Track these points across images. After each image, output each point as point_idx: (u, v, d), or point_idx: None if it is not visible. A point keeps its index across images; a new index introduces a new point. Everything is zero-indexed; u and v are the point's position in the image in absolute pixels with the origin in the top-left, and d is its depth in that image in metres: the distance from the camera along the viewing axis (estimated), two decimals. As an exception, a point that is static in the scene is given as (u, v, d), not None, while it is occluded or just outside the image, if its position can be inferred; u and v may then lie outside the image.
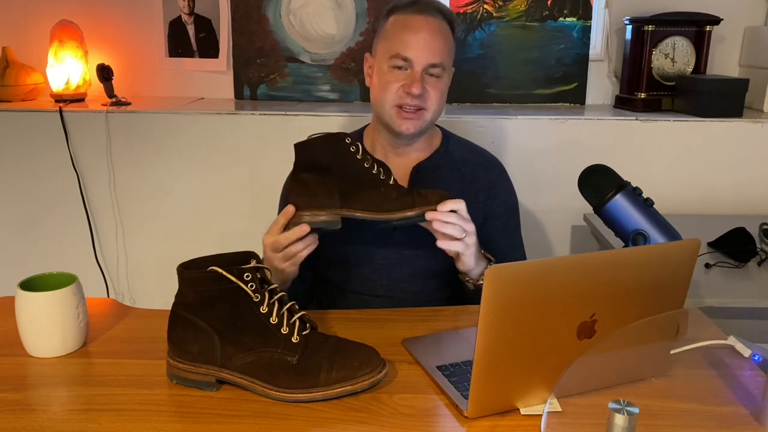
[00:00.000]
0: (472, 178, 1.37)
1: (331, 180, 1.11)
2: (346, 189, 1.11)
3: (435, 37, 1.26)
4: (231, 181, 2.06)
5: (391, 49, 1.26)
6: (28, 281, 1.03)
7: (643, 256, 0.87)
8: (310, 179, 1.12)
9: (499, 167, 1.42)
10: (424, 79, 1.27)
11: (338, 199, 1.11)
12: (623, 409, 0.67)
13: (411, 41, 1.25)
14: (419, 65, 1.25)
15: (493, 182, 1.39)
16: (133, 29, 2.24)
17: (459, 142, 1.43)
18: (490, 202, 1.38)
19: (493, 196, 1.38)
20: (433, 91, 1.27)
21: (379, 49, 1.31)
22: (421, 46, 1.25)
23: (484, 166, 1.40)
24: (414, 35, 1.26)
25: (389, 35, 1.29)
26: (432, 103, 1.28)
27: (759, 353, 0.90)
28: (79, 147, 2.06)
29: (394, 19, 1.29)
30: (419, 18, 1.26)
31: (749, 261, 1.58)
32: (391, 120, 1.29)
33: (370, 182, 1.13)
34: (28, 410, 0.88)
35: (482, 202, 1.37)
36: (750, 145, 2.00)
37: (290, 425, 0.85)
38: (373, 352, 0.94)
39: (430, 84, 1.27)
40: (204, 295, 0.92)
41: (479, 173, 1.38)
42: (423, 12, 1.27)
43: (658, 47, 2.07)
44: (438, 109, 1.31)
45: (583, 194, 1.13)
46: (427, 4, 1.28)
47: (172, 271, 0.94)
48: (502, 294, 0.79)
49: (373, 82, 1.32)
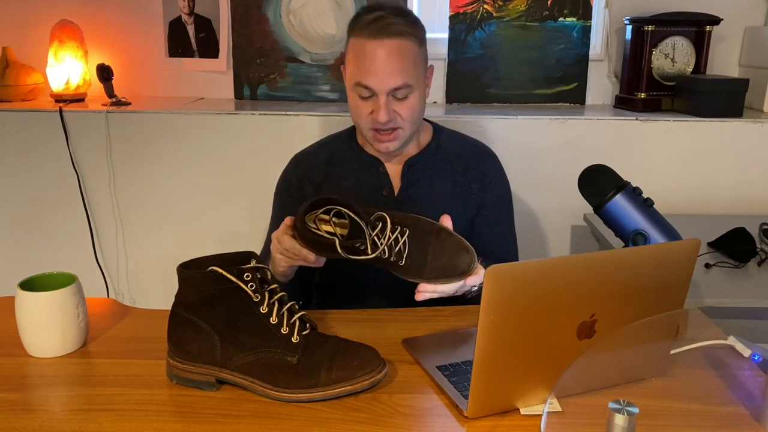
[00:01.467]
0: (464, 170, 1.37)
1: None
2: None
3: (394, 59, 1.22)
4: (231, 181, 2.06)
5: (353, 77, 1.25)
6: (28, 281, 1.03)
7: (643, 256, 0.87)
8: None
9: (491, 157, 1.42)
10: (391, 102, 1.25)
11: None
12: (623, 409, 0.67)
13: (369, 69, 1.22)
14: (382, 92, 1.23)
15: (486, 172, 1.39)
16: (133, 29, 2.24)
17: (450, 134, 1.43)
18: (484, 192, 1.38)
19: (486, 185, 1.38)
20: (403, 111, 1.26)
21: (346, 70, 1.29)
22: (380, 73, 1.22)
23: (476, 157, 1.40)
24: (372, 62, 1.22)
25: (350, 60, 1.27)
26: (405, 120, 1.27)
27: (759, 353, 0.90)
28: (79, 147, 2.06)
29: (353, 43, 1.25)
30: (376, 43, 1.21)
31: (749, 261, 1.58)
32: (371, 141, 1.31)
33: None
34: (28, 410, 0.88)
35: (475, 193, 1.37)
36: (750, 145, 2.00)
37: (290, 425, 0.85)
38: (373, 352, 0.94)
39: (397, 106, 1.25)
40: (204, 295, 0.92)
41: (471, 164, 1.38)
42: (380, 34, 1.21)
43: (658, 47, 2.07)
44: (415, 121, 1.29)
45: (583, 194, 1.13)
46: (382, 28, 1.21)
47: (172, 271, 0.94)
48: (502, 294, 0.79)
49: (348, 101, 1.31)
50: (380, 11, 1.24)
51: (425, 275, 1.06)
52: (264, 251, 1.35)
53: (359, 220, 1.05)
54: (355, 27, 1.25)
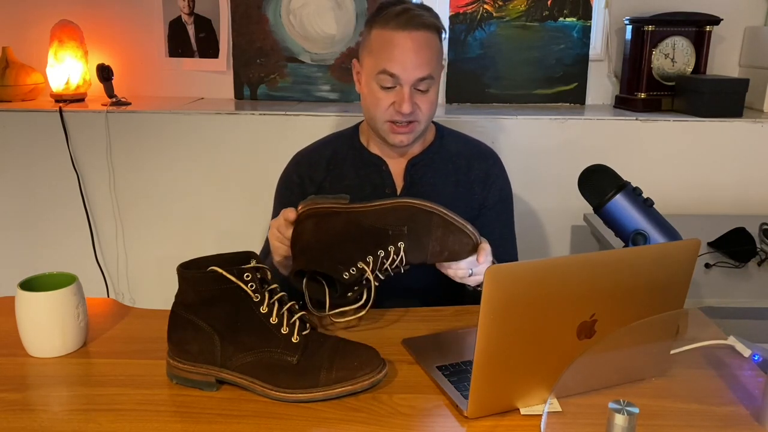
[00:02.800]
0: (467, 170, 1.38)
1: None
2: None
3: (421, 51, 1.24)
4: (231, 181, 2.06)
5: (377, 66, 1.25)
6: (28, 281, 1.03)
7: (643, 256, 0.87)
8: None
9: (493, 157, 1.43)
10: (414, 95, 1.25)
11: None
12: (623, 409, 0.67)
13: (397, 58, 1.23)
14: (407, 82, 1.24)
15: (488, 172, 1.39)
16: (133, 29, 2.24)
17: (453, 134, 1.43)
18: (486, 192, 1.38)
19: (488, 186, 1.38)
20: (423, 104, 1.27)
21: (366, 62, 1.29)
22: (407, 63, 1.23)
23: (478, 157, 1.40)
24: (399, 53, 1.23)
25: (374, 50, 1.26)
26: (423, 114, 1.28)
27: (759, 353, 0.90)
28: (79, 147, 2.06)
29: (378, 34, 1.25)
30: (403, 35, 1.23)
31: (749, 261, 1.58)
32: (385, 134, 1.30)
33: None
34: (28, 410, 0.88)
35: (477, 194, 1.37)
36: (750, 145, 2.00)
37: (290, 425, 0.85)
38: (373, 352, 0.94)
39: (419, 98, 1.26)
40: (204, 295, 0.92)
41: (474, 164, 1.38)
42: (406, 27, 1.23)
43: (658, 47, 2.07)
44: (430, 117, 1.30)
45: (583, 194, 1.13)
46: (410, 19, 1.23)
47: (172, 271, 0.94)
48: (502, 294, 0.79)
49: (363, 94, 1.31)
50: (406, 4, 1.26)
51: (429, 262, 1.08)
52: (264, 250, 1.35)
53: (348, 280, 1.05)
54: (378, 19, 1.26)
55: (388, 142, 1.31)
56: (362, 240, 1.06)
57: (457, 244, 1.07)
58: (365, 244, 1.05)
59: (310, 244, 1.07)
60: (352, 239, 1.06)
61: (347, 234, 1.06)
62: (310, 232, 1.08)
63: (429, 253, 1.06)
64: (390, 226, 1.06)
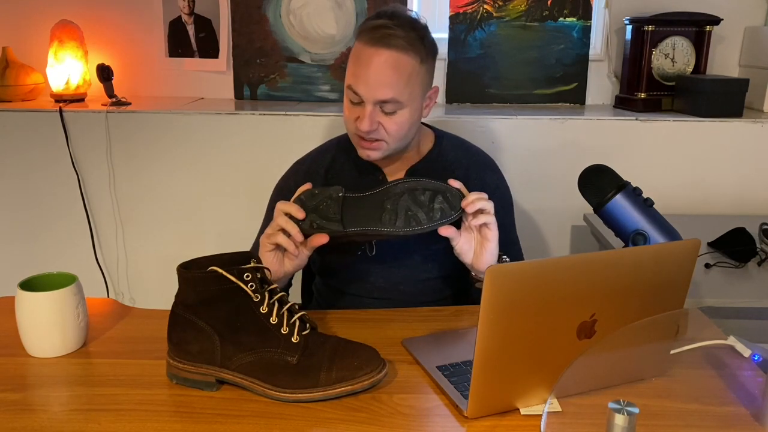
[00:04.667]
0: (464, 179, 1.37)
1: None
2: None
3: (386, 72, 1.18)
4: (231, 181, 2.06)
5: (347, 78, 1.24)
6: (28, 281, 1.03)
7: (643, 256, 0.87)
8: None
9: (491, 165, 1.42)
10: (377, 113, 1.22)
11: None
12: (623, 409, 0.67)
13: (361, 75, 1.19)
14: (368, 101, 1.21)
15: (487, 181, 1.38)
16: (133, 29, 2.24)
17: (451, 141, 1.41)
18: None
19: (488, 194, 1.37)
20: (388, 125, 1.22)
21: (346, 72, 1.27)
22: (370, 83, 1.19)
23: (476, 167, 1.39)
24: (364, 70, 1.19)
25: (349, 62, 1.25)
26: (389, 135, 1.24)
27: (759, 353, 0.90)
28: (79, 147, 2.06)
29: (355, 46, 1.23)
30: (372, 51, 1.18)
31: (749, 261, 1.58)
32: (355, 146, 1.29)
33: None
34: (28, 410, 0.88)
35: None
36: (750, 145, 2.00)
37: (290, 425, 0.85)
38: (373, 352, 0.94)
39: (384, 119, 1.22)
40: (204, 295, 0.92)
41: (472, 173, 1.37)
42: (378, 43, 1.18)
43: (658, 47, 2.07)
44: (400, 138, 1.26)
45: (583, 194, 1.13)
46: (382, 37, 1.18)
47: (172, 271, 0.94)
48: (502, 294, 0.79)
49: None
50: (388, 20, 1.20)
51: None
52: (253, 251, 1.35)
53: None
54: (360, 30, 1.23)
55: (358, 154, 1.30)
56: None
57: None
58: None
59: None
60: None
61: None
62: None
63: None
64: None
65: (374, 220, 1.10)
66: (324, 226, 1.11)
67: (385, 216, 1.10)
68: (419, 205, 1.11)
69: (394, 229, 1.10)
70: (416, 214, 1.10)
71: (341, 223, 1.10)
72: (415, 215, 1.10)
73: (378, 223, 1.10)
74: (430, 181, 1.13)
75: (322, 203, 1.12)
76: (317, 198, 1.12)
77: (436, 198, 1.11)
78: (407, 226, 1.10)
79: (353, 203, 1.12)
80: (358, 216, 1.11)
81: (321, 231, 1.11)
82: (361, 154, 1.28)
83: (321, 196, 1.12)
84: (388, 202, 1.11)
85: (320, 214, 1.11)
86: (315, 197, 1.12)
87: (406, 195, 1.11)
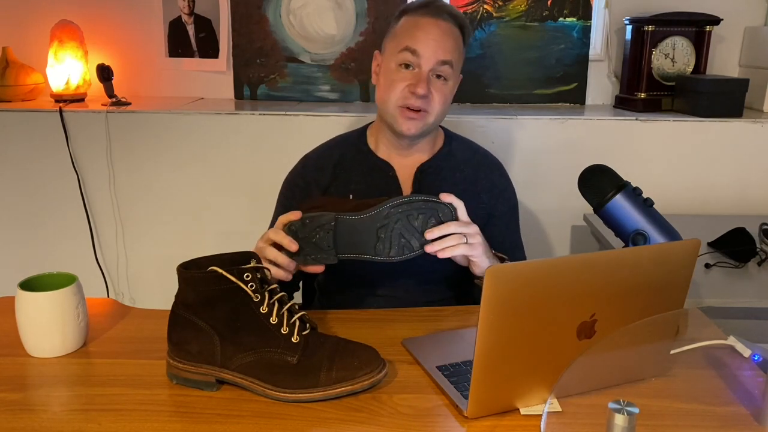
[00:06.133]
0: (474, 179, 1.38)
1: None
2: None
3: (445, 37, 1.27)
4: (231, 181, 2.06)
5: (401, 44, 1.27)
6: (28, 281, 1.03)
7: (643, 256, 0.87)
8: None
9: (500, 168, 1.43)
10: (430, 81, 1.27)
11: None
12: (623, 409, 0.67)
13: (421, 38, 1.26)
14: (427, 63, 1.26)
15: (495, 183, 1.40)
16: (133, 29, 2.24)
17: (461, 142, 1.43)
18: (494, 202, 1.38)
19: (495, 196, 1.39)
20: (437, 95, 1.28)
21: (389, 47, 1.31)
22: (430, 43, 1.26)
23: (486, 168, 1.40)
24: (424, 33, 1.27)
25: (399, 33, 1.30)
26: (435, 106, 1.28)
27: (759, 353, 0.90)
28: (79, 147, 2.06)
29: (406, 20, 1.30)
30: (431, 20, 1.28)
31: (749, 261, 1.58)
32: (394, 120, 1.29)
33: None
34: (28, 410, 0.88)
35: (485, 203, 1.37)
36: (750, 145, 2.00)
37: (290, 425, 0.85)
38: (373, 352, 0.94)
39: (435, 87, 1.28)
40: (204, 295, 0.92)
41: (481, 174, 1.39)
42: (435, 15, 1.28)
43: (658, 47, 2.07)
44: (441, 113, 1.31)
45: (583, 194, 1.13)
46: (440, 8, 1.29)
47: (172, 271, 0.94)
48: (502, 294, 0.79)
49: (380, 81, 1.32)
50: (435, 0, 1.31)
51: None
52: None
53: None
54: (407, 8, 1.31)
55: (395, 130, 1.30)
56: None
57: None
58: None
59: None
60: None
61: None
62: None
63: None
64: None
65: (368, 248, 1.11)
66: (318, 260, 1.11)
67: (378, 245, 1.11)
68: (412, 231, 1.11)
69: (388, 258, 1.11)
70: (409, 241, 1.11)
71: (335, 253, 1.11)
72: (408, 243, 1.11)
73: (372, 251, 1.11)
74: (423, 200, 1.12)
75: (315, 234, 1.10)
76: (309, 228, 1.10)
77: (429, 222, 1.12)
78: (400, 254, 1.11)
79: (346, 228, 1.10)
80: (351, 244, 1.11)
81: (315, 264, 1.11)
82: (402, 127, 1.29)
83: (313, 226, 1.10)
84: (382, 230, 1.10)
85: (313, 247, 1.10)
86: (306, 227, 1.10)
87: (399, 222, 1.10)
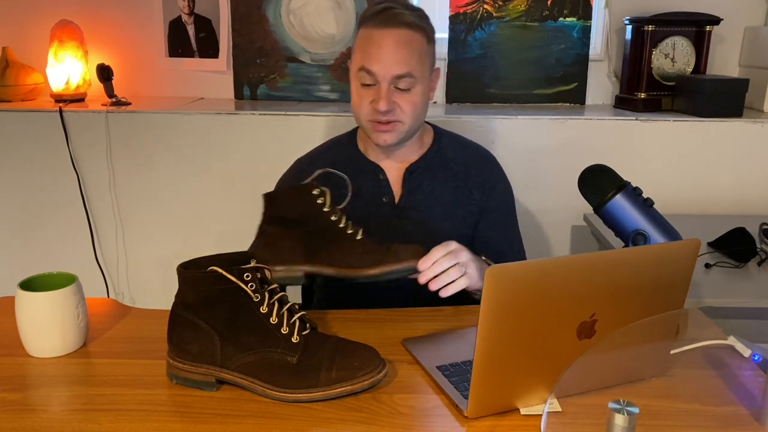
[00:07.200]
0: (465, 176, 1.37)
1: (295, 234, 1.09)
2: (312, 244, 1.08)
3: (400, 49, 1.23)
4: (231, 181, 2.06)
5: (358, 62, 1.26)
6: (28, 281, 1.03)
7: (643, 256, 0.87)
8: (274, 233, 1.10)
9: (491, 161, 1.42)
10: (392, 93, 1.25)
11: (302, 254, 1.08)
12: (623, 409, 0.67)
13: (374, 55, 1.23)
14: (384, 79, 1.24)
15: (486, 177, 1.39)
16: (133, 29, 2.24)
17: (450, 138, 1.42)
18: (485, 197, 1.38)
19: (487, 191, 1.38)
20: (404, 104, 1.26)
21: (352, 60, 1.30)
22: (384, 60, 1.23)
23: (476, 163, 1.40)
24: (377, 48, 1.23)
25: (357, 48, 1.28)
26: (405, 114, 1.27)
27: (759, 353, 0.90)
28: (79, 147, 2.06)
29: (361, 33, 1.27)
30: (383, 31, 1.23)
31: (749, 261, 1.58)
32: (369, 133, 1.30)
33: (336, 236, 1.09)
34: (28, 410, 0.88)
35: (477, 199, 1.37)
36: (750, 145, 2.00)
37: (290, 425, 0.85)
38: (373, 352, 0.94)
39: (399, 98, 1.25)
40: (204, 295, 0.92)
41: (472, 170, 1.38)
42: (386, 25, 1.23)
43: (658, 47, 2.07)
44: (415, 118, 1.29)
45: (583, 194, 1.13)
46: (392, 16, 1.24)
47: (172, 271, 0.94)
48: (502, 294, 0.79)
49: (351, 94, 1.32)
50: (390, 3, 1.26)
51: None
52: None
53: None
54: (364, 17, 1.27)
55: (372, 141, 1.31)
56: None
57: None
58: None
59: None
60: None
61: None
62: None
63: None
64: None
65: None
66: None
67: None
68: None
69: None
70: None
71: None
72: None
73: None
74: (403, 269, 1.10)
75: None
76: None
77: None
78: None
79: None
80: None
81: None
82: (377, 140, 1.29)
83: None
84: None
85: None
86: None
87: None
